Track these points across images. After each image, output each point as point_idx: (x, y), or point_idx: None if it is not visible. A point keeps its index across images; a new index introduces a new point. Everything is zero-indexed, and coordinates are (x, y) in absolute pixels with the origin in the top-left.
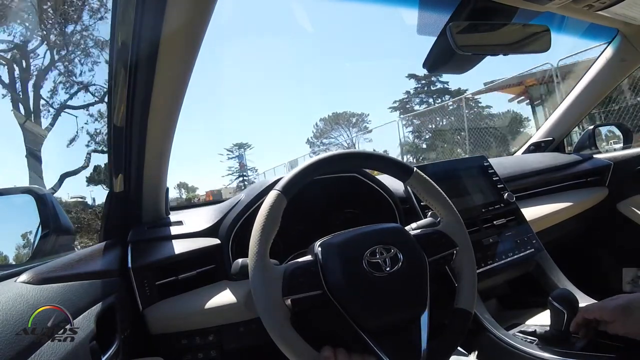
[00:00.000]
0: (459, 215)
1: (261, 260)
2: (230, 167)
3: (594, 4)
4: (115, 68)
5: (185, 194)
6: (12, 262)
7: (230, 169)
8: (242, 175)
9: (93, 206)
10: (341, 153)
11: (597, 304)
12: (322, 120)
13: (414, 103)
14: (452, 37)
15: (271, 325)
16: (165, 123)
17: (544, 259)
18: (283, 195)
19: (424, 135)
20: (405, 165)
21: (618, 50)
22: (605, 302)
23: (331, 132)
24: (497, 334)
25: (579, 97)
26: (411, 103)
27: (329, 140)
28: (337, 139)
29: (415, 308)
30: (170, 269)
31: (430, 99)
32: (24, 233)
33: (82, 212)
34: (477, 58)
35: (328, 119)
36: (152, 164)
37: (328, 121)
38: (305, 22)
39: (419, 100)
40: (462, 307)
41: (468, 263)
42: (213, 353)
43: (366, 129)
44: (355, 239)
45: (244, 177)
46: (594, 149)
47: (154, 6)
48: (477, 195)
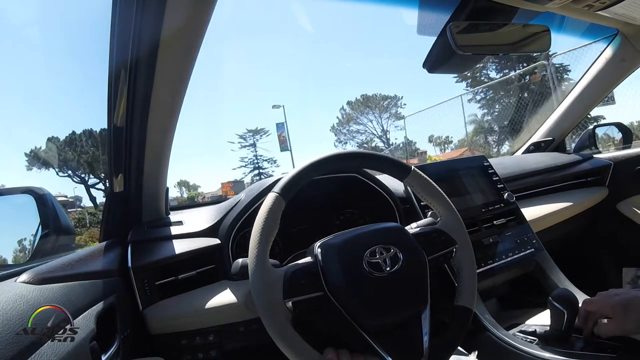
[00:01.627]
0: (457, 213)
1: (261, 263)
2: (243, 158)
3: (594, 4)
4: (115, 68)
5: (186, 193)
6: (12, 262)
7: (243, 159)
8: (262, 165)
9: (79, 206)
10: (339, 153)
11: (600, 297)
12: (350, 104)
13: (488, 70)
14: (452, 37)
15: (273, 329)
16: (165, 123)
17: (544, 258)
18: (281, 197)
19: (494, 112)
20: (403, 164)
21: (618, 50)
22: (608, 296)
23: (360, 117)
24: (497, 334)
25: (579, 97)
26: (484, 71)
27: (357, 127)
28: (366, 126)
29: (416, 307)
30: (170, 269)
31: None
32: (24, 233)
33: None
34: (477, 58)
35: (356, 103)
36: (152, 164)
37: (356, 105)
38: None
39: (495, 66)
40: (462, 304)
41: (467, 261)
42: (213, 353)
43: (397, 115)
44: (354, 239)
45: (260, 169)
46: (594, 149)
47: (153, 6)
48: (477, 195)
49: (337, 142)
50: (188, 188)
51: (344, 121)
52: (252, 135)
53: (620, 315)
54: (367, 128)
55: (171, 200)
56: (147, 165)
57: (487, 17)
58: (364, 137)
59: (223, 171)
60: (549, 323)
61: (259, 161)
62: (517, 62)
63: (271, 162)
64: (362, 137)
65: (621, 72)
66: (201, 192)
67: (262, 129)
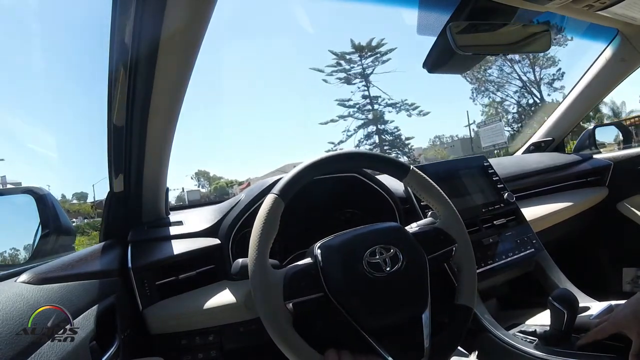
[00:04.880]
0: (457, 212)
1: (261, 264)
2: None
3: (594, 4)
4: (115, 68)
5: (208, 186)
6: (12, 262)
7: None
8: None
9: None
10: (337, 154)
11: (609, 321)
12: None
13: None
14: (452, 37)
15: (274, 330)
16: (165, 123)
17: (544, 259)
18: (280, 198)
19: None
20: (402, 164)
21: (618, 50)
22: (614, 315)
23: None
24: (497, 334)
25: (579, 97)
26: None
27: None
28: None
29: (417, 306)
30: (170, 269)
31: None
32: (24, 233)
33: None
34: (477, 58)
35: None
36: (152, 163)
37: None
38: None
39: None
40: (462, 303)
41: (467, 259)
42: (213, 353)
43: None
44: (354, 239)
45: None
46: (593, 149)
47: (153, 6)
48: (477, 195)
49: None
50: (209, 180)
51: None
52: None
53: (636, 327)
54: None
55: (190, 192)
56: (147, 165)
57: (487, 17)
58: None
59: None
60: (549, 323)
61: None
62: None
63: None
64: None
65: (621, 72)
66: (235, 181)
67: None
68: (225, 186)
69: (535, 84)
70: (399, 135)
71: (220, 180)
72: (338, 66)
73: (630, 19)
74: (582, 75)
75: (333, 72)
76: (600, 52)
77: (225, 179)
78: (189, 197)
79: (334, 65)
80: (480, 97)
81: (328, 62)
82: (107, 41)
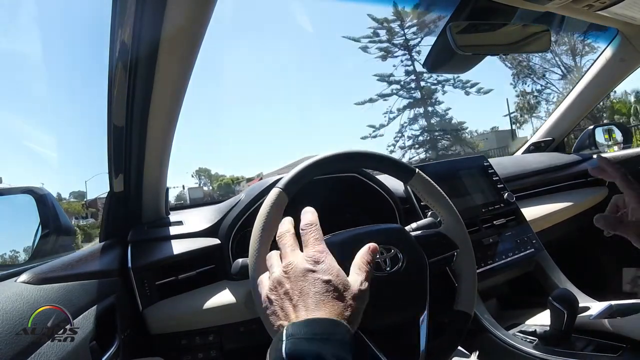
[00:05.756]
0: (460, 216)
1: (261, 262)
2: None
3: (594, 4)
4: (115, 68)
5: (209, 184)
6: (12, 262)
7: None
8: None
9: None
10: (343, 153)
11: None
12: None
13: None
14: (452, 37)
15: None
16: (165, 123)
17: (544, 259)
18: (285, 193)
19: None
20: (406, 166)
21: (618, 50)
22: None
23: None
24: (497, 334)
25: (579, 97)
26: None
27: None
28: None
29: (415, 308)
30: (170, 269)
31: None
32: (24, 233)
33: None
34: (477, 58)
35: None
36: (152, 163)
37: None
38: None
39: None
40: (461, 309)
41: (468, 265)
42: (213, 353)
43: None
44: (355, 238)
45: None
46: (593, 149)
47: (153, 6)
48: (477, 195)
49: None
50: (210, 178)
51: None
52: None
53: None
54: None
55: (191, 190)
56: (147, 165)
57: (487, 17)
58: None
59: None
60: (549, 323)
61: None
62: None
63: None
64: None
65: (621, 72)
66: (242, 177)
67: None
68: (231, 183)
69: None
70: (450, 119)
71: (225, 177)
72: (375, 36)
73: (630, 19)
74: (582, 75)
75: (369, 44)
76: (601, 52)
77: (231, 176)
78: (190, 195)
79: (370, 36)
80: (521, 84)
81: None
82: (107, 41)
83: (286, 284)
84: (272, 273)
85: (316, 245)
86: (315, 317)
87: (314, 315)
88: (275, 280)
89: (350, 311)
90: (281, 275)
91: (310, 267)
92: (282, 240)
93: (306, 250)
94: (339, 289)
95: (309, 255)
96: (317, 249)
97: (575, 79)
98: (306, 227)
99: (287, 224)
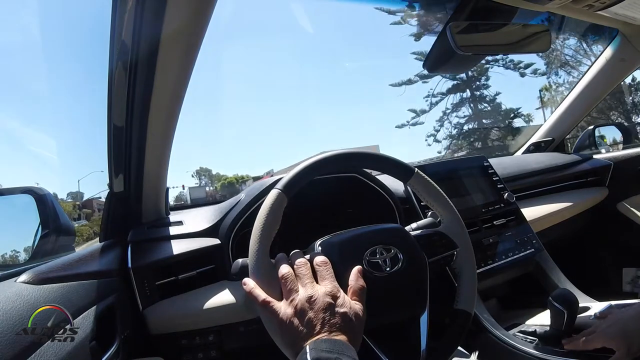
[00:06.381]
0: (459, 216)
1: (261, 262)
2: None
3: (594, 4)
4: (115, 68)
5: (210, 184)
6: (12, 262)
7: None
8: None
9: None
10: (342, 153)
11: (597, 333)
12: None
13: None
14: (452, 37)
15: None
16: (165, 123)
17: (544, 259)
18: (284, 194)
19: None
20: (406, 166)
21: (618, 50)
22: (603, 329)
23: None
24: (497, 334)
25: (579, 97)
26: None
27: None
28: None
29: (415, 308)
30: (170, 269)
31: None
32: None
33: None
34: (477, 58)
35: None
36: (152, 163)
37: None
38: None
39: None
40: (462, 308)
41: (468, 264)
42: (213, 353)
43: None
44: (355, 238)
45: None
46: (593, 149)
47: (153, 6)
48: (477, 195)
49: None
50: (211, 178)
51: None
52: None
53: (623, 348)
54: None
55: (194, 189)
56: (147, 165)
57: (487, 17)
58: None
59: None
60: (549, 323)
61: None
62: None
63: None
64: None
65: (621, 72)
66: (247, 176)
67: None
68: (235, 182)
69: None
70: (498, 104)
71: (227, 177)
72: (412, 10)
73: (630, 19)
74: (582, 75)
75: (404, 17)
76: (601, 52)
77: (234, 175)
78: (192, 195)
79: (403, 10)
80: (554, 76)
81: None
82: (107, 41)
83: (310, 313)
84: (292, 299)
85: (333, 281)
86: (332, 338)
87: (332, 337)
88: (299, 310)
89: (357, 336)
90: (306, 306)
91: (331, 301)
92: (300, 270)
93: (324, 285)
94: (352, 319)
95: (328, 291)
96: (334, 284)
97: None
98: (322, 264)
99: (299, 256)
